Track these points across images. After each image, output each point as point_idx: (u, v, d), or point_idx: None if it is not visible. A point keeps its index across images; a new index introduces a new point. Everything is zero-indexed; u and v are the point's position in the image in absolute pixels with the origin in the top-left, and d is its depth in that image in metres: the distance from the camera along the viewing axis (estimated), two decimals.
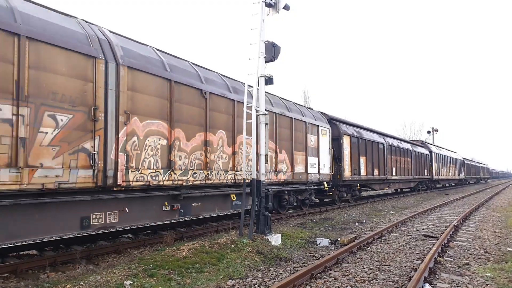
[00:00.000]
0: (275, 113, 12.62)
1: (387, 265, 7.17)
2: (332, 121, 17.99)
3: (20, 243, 7.77)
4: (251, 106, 8.94)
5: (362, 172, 19.88)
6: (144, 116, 7.63)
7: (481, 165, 75.53)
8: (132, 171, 7.29)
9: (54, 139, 6.06)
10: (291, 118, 13.61)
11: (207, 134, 9.30)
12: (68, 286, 5.14)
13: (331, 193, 17.46)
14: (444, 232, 10.37)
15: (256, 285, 5.82)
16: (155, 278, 5.79)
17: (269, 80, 9.25)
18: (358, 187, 20.55)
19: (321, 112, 17.62)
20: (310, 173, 14.72)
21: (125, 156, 7.15)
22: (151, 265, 6.19)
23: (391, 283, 6.05)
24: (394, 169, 25.00)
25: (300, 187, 14.28)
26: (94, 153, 6.59)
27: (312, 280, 6.12)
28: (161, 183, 7.89)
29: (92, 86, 6.66)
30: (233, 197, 10.48)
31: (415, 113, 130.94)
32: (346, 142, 18.34)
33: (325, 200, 18.81)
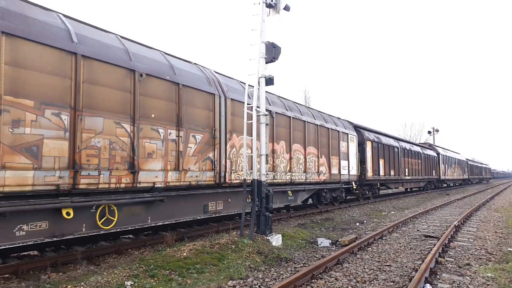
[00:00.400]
0: (317, 125, 15.33)
1: (388, 265, 7.17)
2: (357, 129, 20.59)
3: (21, 244, 7.79)
4: (257, 107, 8.95)
5: (381, 173, 22.49)
6: (238, 133, 10.45)
7: (483, 165, 78.13)
8: (233, 172, 10.24)
9: (194, 151, 9.00)
10: (328, 128, 16.25)
11: (274, 144, 12.28)
12: (69, 286, 5.15)
13: (357, 191, 19.90)
14: (445, 232, 10.37)
15: (256, 286, 5.81)
16: (156, 278, 5.79)
17: (269, 81, 9.24)
18: (378, 186, 23.24)
19: (348, 121, 20.42)
20: (342, 174, 17.43)
21: (230, 162, 10.11)
22: (152, 266, 6.19)
23: (392, 283, 6.05)
24: (407, 170, 27.76)
25: (335, 186, 16.95)
26: (214, 160, 9.54)
27: (313, 280, 6.12)
28: (248, 181, 9.93)
29: (212, 114, 9.65)
30: (290, 193, 13.30)
31: (416, 113, 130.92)
32: (368, 147, 20.90)
33: (347, 197, 20.38)
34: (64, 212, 6.31)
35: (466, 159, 57.15)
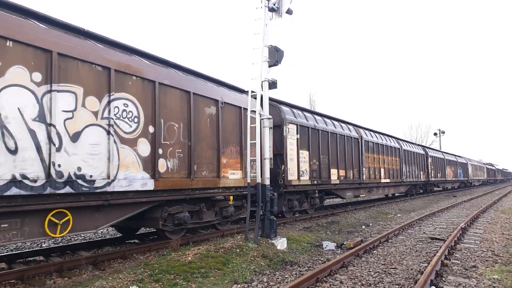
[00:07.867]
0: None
1: (393, 268, 7.13)
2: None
3: (27, 249, 7.83)
4: (256, 111, 8.97)
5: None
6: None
7: (507, 170, 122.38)
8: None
9: None
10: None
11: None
12: None
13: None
14: (451, 234, 10.28)
15: None
16: (160, 283, 5.81)
17: (272, 84, 9.25)
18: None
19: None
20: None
21: None
22: (156, 270, 6.20)
23: (397, 286, 6.01)
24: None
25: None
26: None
27: (318, 284, 6.10)
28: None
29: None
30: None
31: (423, 115, 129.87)
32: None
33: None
34: None
35: (502, 168, 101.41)
